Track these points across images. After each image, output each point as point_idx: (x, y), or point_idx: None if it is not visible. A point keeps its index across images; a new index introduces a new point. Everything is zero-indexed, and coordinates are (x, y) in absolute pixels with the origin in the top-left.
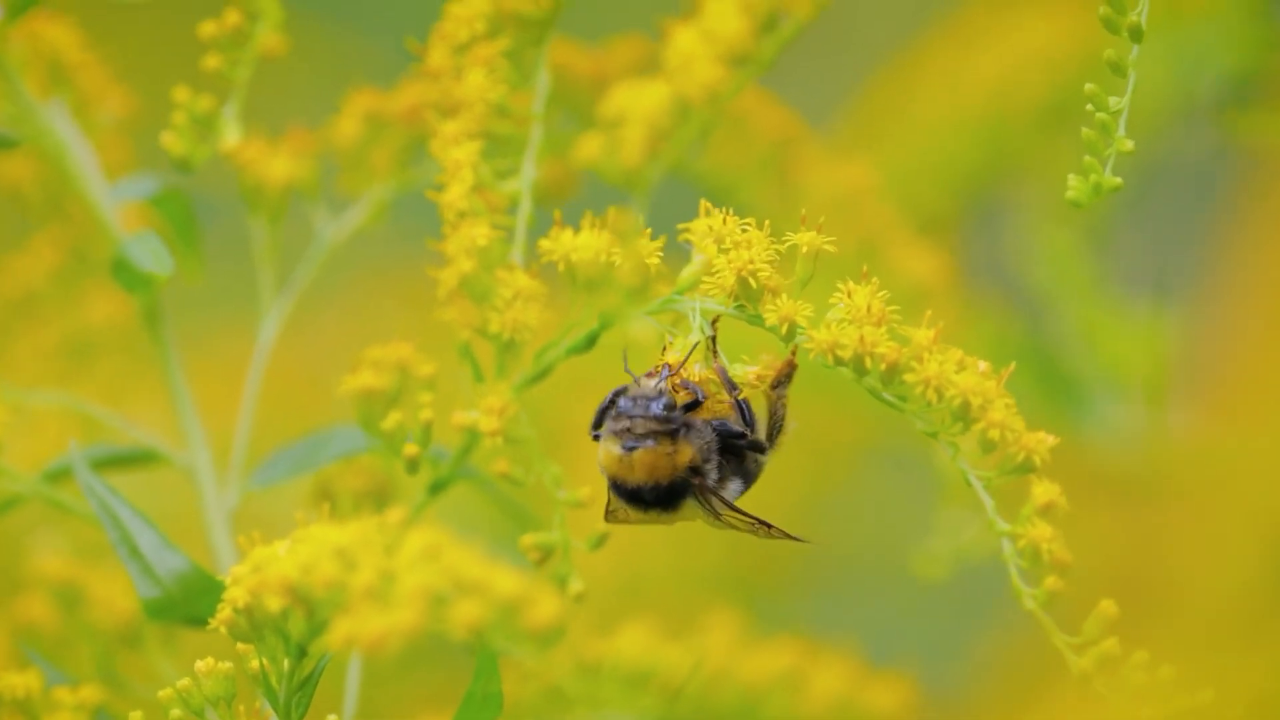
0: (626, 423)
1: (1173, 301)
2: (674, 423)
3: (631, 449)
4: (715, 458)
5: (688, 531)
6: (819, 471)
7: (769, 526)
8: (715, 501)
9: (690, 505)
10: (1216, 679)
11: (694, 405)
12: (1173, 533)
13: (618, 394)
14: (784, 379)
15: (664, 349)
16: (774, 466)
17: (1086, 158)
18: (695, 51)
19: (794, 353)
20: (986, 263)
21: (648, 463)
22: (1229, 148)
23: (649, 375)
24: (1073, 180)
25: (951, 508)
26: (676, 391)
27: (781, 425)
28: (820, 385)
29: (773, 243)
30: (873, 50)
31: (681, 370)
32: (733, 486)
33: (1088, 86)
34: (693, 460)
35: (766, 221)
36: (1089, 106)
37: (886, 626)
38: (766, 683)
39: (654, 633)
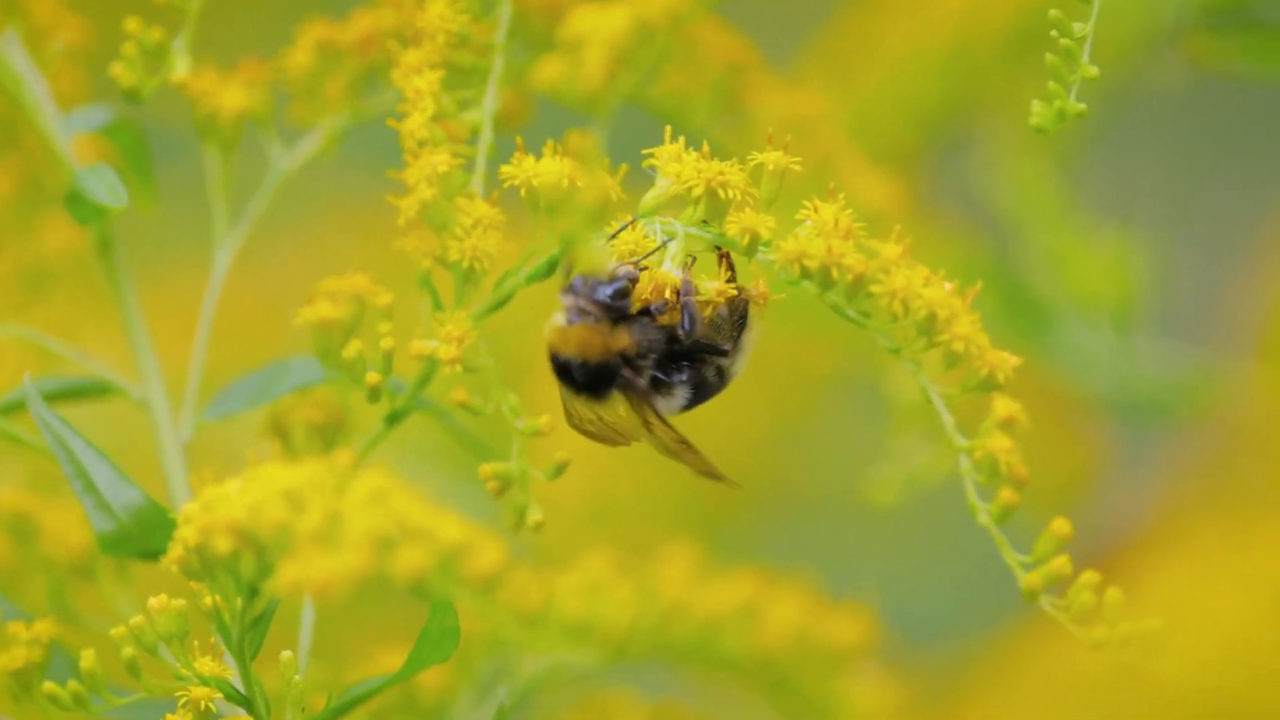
0: (574, 298)
1: (1140, 227)
2: (615, 311)
3: (571, 322)
4: (654, 358)
5: (654, 461)
6: (783, 401)
7: (693, 450)
8: (644, 407)
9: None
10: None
11: (646, 311)
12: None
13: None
14: (743, 306)
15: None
16: (736, 395)
17: (1051, 84)
18: None
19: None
20: (953, 191)
21: (581, 338)
22: (1197, 74)
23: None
24: (1037, 106)
25: (903, 434)
26: (634, 288)
27: (744, 327)
28: (784, 313)
29: (736, 163)
30: None
31: (645, 273)
32: (679, 396)
33: (1052, 12)
34: (627, 348)
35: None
36: (1053, 32)
37: (852, 558)
38: (723, 616)
39: (607, 568)
